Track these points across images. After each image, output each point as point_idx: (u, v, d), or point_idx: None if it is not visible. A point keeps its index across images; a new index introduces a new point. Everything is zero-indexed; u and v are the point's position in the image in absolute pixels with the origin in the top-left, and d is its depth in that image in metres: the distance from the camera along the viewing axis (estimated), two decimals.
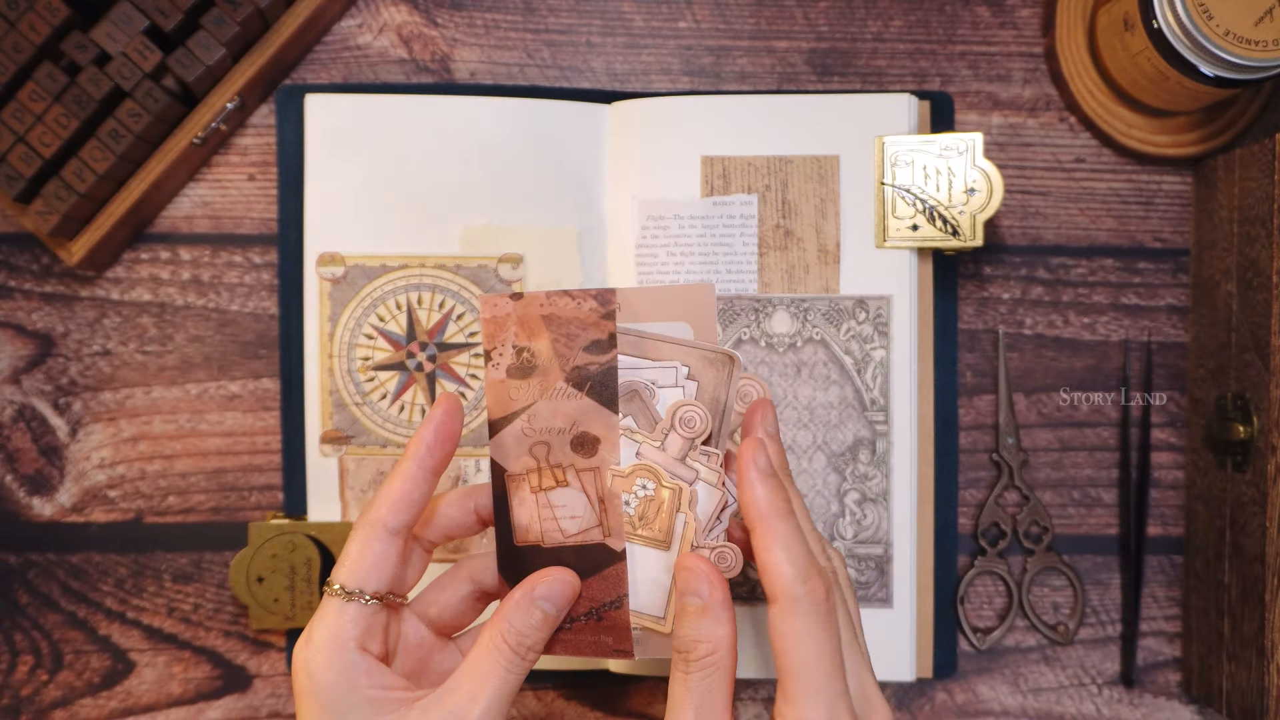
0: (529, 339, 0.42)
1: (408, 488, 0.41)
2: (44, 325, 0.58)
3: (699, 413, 0.41)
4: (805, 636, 0.37)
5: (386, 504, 0.41)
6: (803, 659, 0.37)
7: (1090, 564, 0.58)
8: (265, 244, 0.58)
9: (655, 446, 0.41)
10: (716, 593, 0.38)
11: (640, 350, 0.41)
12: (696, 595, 0.38)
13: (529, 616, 0.40)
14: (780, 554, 0.38)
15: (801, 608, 0.37)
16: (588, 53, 0.59)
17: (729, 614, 0.38)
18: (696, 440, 0.41)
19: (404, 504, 0.41)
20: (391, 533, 0.40)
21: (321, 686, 0.39)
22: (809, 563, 0.38)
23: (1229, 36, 0.50)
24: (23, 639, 0.58)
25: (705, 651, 0.38)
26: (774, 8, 0.59)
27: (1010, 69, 0.59)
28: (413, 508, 0.41)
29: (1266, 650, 0.51)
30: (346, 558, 0.40)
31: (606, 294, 0.41)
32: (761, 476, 0.39)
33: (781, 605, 0.37)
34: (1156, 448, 0.59)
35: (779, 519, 0.38)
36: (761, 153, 0.56)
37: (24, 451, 0.58)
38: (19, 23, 0.53)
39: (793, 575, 0.37)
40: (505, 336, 0.42)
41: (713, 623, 0.38)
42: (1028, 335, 0.59)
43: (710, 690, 0.38)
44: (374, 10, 0.59)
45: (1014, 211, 0.59)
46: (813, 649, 0.37)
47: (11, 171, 0.53)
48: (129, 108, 0.53)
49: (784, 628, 0.37)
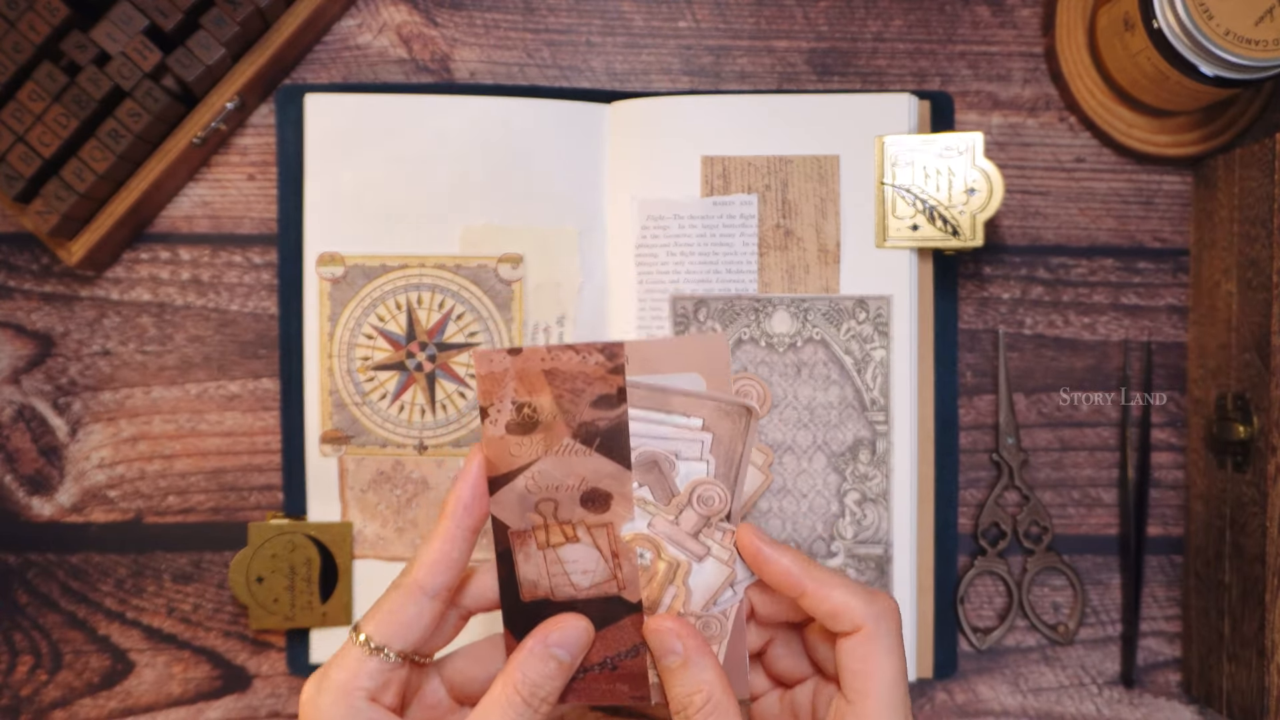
0: (530, 394, 0.40)
1: (446, 548, 0.40)
2: (44, 325, 0.58)
3: (718, 492, 0.40)
4: (887, 655, 0.39)
5: (425, 566, 0.40)
6: (884, 678, 0.39)
7: (1090, 564, 0.58)
8: (265, 244, 0.58)
9: (669, 520, 0.41)
10: (690, 642, 0.40)
11: (652, 404, 0.40)
12: (673, 653, 0.39)
13: (544, 666, 0.40)
14: (839, 593, 0.39)
15: (883, 629, 0.39)
16: (588, 52, 0.59)
17: (710, 658, 0.40)
18: (714, 518, 0.41)
19: (443, 565, 0.40)
20: (430, 595, 0.40)
21: None
22: (866, 590, 0.39)
23: (1229, 36, 0.50)
24: (23, 639, 0.58)
25: (702, 701, 0.39)
26: (774, 7, 0.59)
27: (1010, 69, 0.59)
28: (452, 568, 0.40)
29: (1267, 650, 0.51)
30: (379, 611, 0.40)
31: (614, 347, 0.40)
32: (776, 547, 0.40)
33: (866, 632, 0.39)
34: (1156, 448, 0.59)
35: (815, 568, 0.40)
36: (761, 153, 0.56)
37: (24, 451, 0.58)
38: (19, 23, 0.53)
39: (863, 604, 0.39)
40: (503, 392, 0.40)
41: (698, 670, 0.39)
42: (1028, 335, 0.59)
43: None
44: (374, 10, 0.59)
45: (1014, 211, 0.59)
46: (892, 667, 0.39)
47: (11, 171, 0.53)
48: (129, 108, 0.53)
49: (865, 651, 0.39)
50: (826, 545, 0.55)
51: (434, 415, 0.57)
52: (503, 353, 0.40)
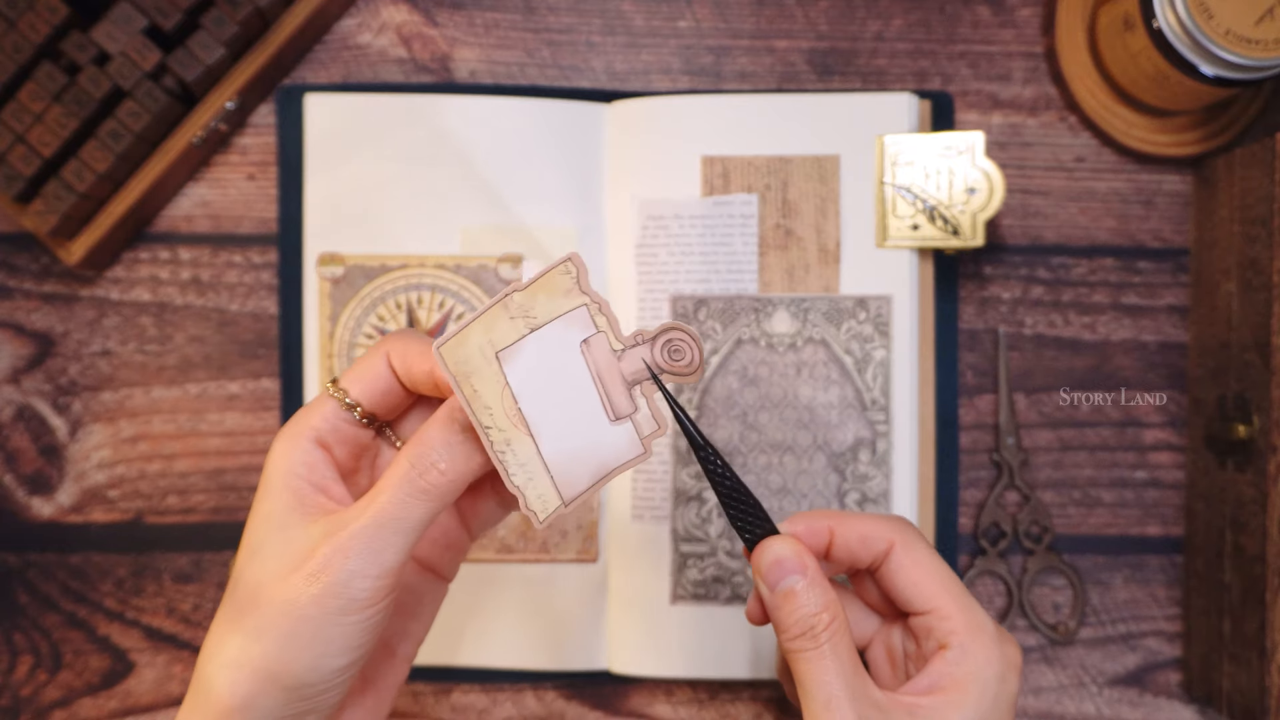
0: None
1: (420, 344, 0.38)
2: (44, 325, 0.58)
3: (691, 348, 0.37)
4: (930, 554, 0.41)
5: (397, 341, 0.39)
6: (942, 573, 0.40)
7: (1090, 564, 0.58)
8: (265, 244, 0.58)
9: (613, 349, 0.37)
10: (811, 562, 0.39)
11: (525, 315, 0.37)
12: (799, 575, 0.39)
13: (445, 434, 0.36)
14: (858, 520, 0.41)
15: (911, 534, 0.41)
16: (588, 52, 0.59)
17: (825, 578, 0.39)
18: (676, 374, 0.37)
19: (413, 355, 0.38)
20: (396, 367, 0.38)
21: (268, 464, 0.38)
22: (878, 514, 0.42)
23: (1229, 36, 0.50)
24: (23, 639, 0.58)
25: (830, 618, 0.38)
26: (774, 7, 0.59)
27: (1011, 69, 0.59)
28: (421, 360, 0.38)
29: (1267, 650, 0.51)
30: (353, 365, 0.39)
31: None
32: (800, 519, 0.42)
33: (901, 542, 0.41)
34: (1156, 448, 0.59)
35: (832, 511, 0.43)
36: (761, 152, 0.56)
37: (24, 451, 0.58)
38: (19, 23, 0.53)
39: (883, 521, 0.41)
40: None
41: (824, 590, 0.39)
42: (1028, 335, 0.59)
43: (846, 650, 0.38)
44: (374, 10, 0.59)
45: (1014, 211, 0.59)
46: (940, 561, 0.41)
47: (11, 171, 0.53)
48: (129, 107, 0.53)
49: (910, 559, 0.41)
50: None
51: None
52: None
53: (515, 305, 0.36)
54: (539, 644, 0.57)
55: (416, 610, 0.42)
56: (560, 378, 0.37)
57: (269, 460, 0.38)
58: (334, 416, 0.38)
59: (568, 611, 0.57)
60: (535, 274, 0.36)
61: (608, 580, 0.57)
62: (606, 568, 0.57)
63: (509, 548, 0.57)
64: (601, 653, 0.57)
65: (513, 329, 0.36)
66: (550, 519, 0.37)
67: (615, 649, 0.57)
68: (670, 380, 0.37)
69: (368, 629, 0.36)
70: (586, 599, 0.57)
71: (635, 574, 0.56)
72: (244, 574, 0.37)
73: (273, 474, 0.38)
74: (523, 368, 0.37)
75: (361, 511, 0.36)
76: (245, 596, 0.36)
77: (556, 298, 0.37)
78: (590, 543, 0.57)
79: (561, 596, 0.57)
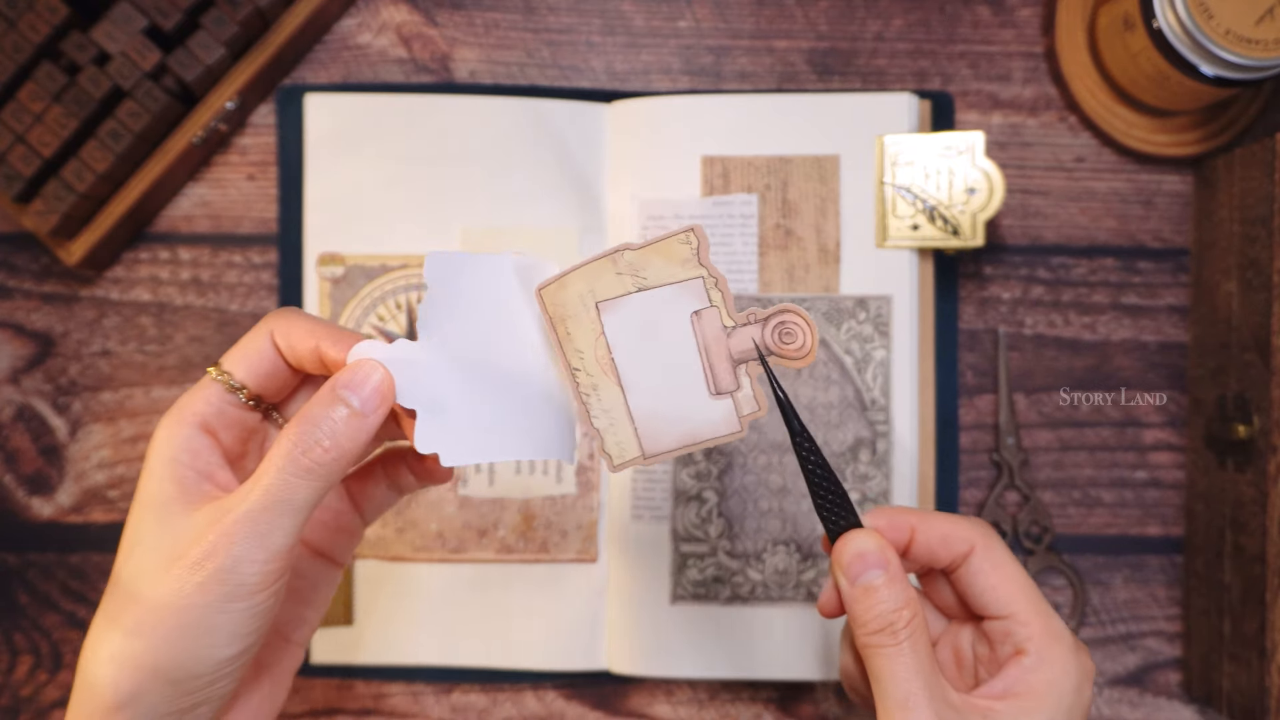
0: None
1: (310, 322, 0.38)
2: (44, 325, 0.58)
3: (805, 332, 0.37)
4: (1011, 561, 0.40)
5: (281, 319, 0.38)
6: (1022, 580, 0.40)
7: (1090, 564, 0.58)
8: (265, 244, 0.58)
9: (724, 325, 0.37)
10: (893, 558, 0.39)
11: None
12: (880, 570, 0.38)
13: (329, 411, 0.35)
14: (940, 520, 0.41)
15: (993, 539, 0.41)
16: (588, 52, 0.59)
17: (905, 575, 0.39)
18: (785, 357, 0.37)
19: (298, 333, 0.38)
20: (279, 346, 0.38)
21: (150, 452, 0.37)
22: (960, 515, 0.42)
23: (1229, 36, 0.50)
24: (23, 639, 0.58)
25: (911, 615, 0.38)
26: (774, 7, 0.59)
27: (1010, 69, 0.59)
28: (305, 337, 0.37)
29: (1267, 650, 0.51)
30: (237, 346, 0.38)
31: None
32: (881, 514, 0.41)
33: (982, 545, 0.40)
34: (1156, 448, 0.59)
35: (912, 509, 0.42)
36: (761, 152, 0.56)
37: (24, 451, 0.58)
38: (19, 23, 0.53)
39: (966, 523, 0.40)
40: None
41: (904, 587, 0.38)
42: (1028, 335, 0.59)
43: (925, 649, 0.38)
44: (374, 10, 0.59)
45: (1014, 211, 0.59)
46: (1020, 569, 0.41)
47: (11, 171, 0.53)
48: (129, 107, 0.53)
49: (990, 563, 0.40)
50: None
51: None
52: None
53: (624, 262, 0.37)
54: (539, 644, 0.57)
55: (310, 596, 0.41)
56: (661, 340, 0.37)
57: (151, 448, 0.37)
58: (218, 400, 0.37)
59: (568, 611, 0.57)
60: (652, 237, 0.37)
61: (608, 580, 0.57)
62: (606, 568, 0.57)
63: (509, 548, 0.57)
64: (601, 653, 0.57)
65: (618, 284, 0.37)
66: (625, 467, 0.38)
67: (615, 649, 0.57)
68: (778, 363, 0.38)
69: (257, 616, 0.35)
70: (586, 599, 0.57)
71: (635, 574, 0.56)
72: (125, 568, 0.35)
73: (154, 463, 0.36)
74: (622, 322, 0.37)
75: (246, 495, 0.34)
76: (126, 592, 0.35)
77: (673, 265, 0.37)
78: (590, 543, 0.57)
79: (561, 596, 0.57)
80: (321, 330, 0.37)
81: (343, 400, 0.35)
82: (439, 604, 0.57)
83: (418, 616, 0.57)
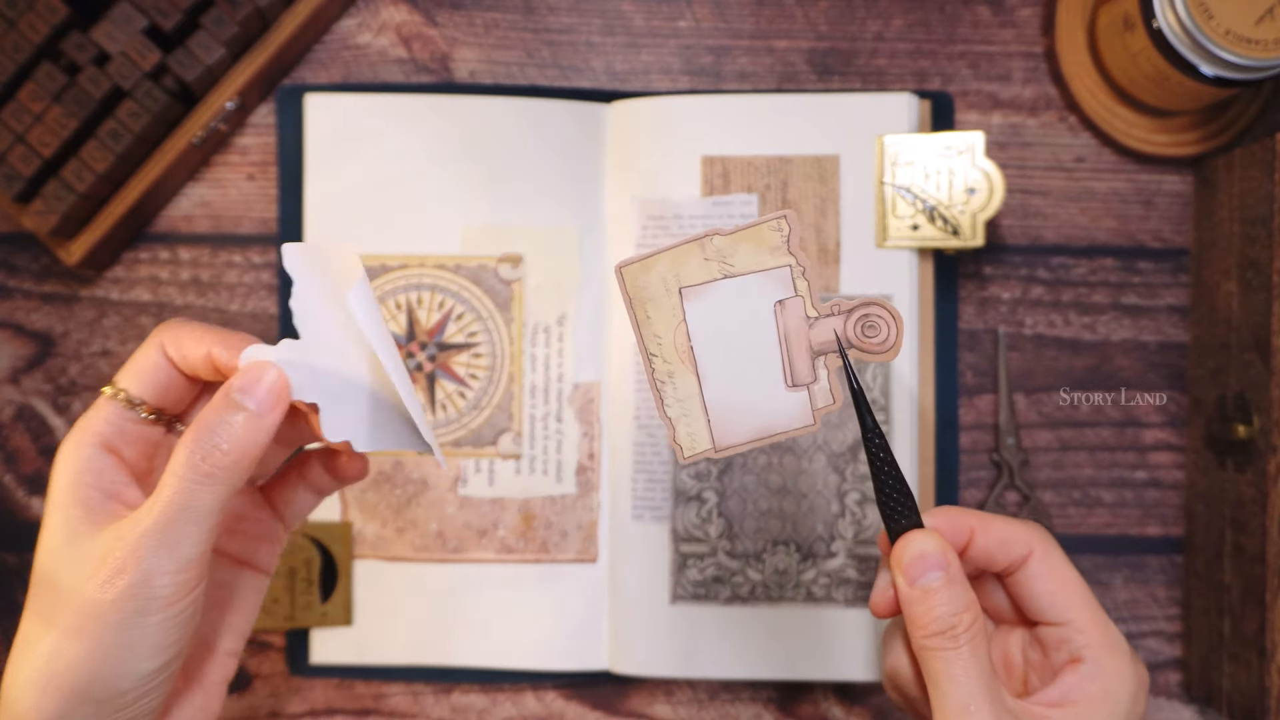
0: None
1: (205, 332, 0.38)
2: (44, 325, 0.58)
3: (890, 323, 0.36)
4: (1069, 566, 0.40)
5: (170, 329, 0.38)
6: (1080, 585, 0.40)
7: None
8: (265, 244, 0.58)
9: (806, 315, 0.36)
10: (954, 559, 0.38)
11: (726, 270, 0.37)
12: (940, 572, 0.38)
13: (225, 414, 0.35)
14: (1000, 523, 0.40)
15: (1051, 544, 0.40)
16: (588, 52, 0.59)
17: (965, 577, 0.39)
18: (868, 351, 0.37)
19: (189, 340, 0.37)
20: (172, 357, 0.37)
21: (53, 477, 0.37)
22: (1016, 519, 0.41)
23: (1229, 36, 0.50)
24: None
25: (971, 619, 0.37)
26: (774, 7, 0.59)
27: (1010, 69, 0.59)
28: (198, 342, 0.37)
29: (1267, 650, 0.51)
30: (129, 362, 0.38)
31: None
32: (940, 514, 0.40)
33: (1041, 550, 0.40)
34: (1156, 448, 0.59)
35: (971, 511, 0.41)
36: (761, 152, 0.56)
37: (24, 451, 0.58)
38: (19, 23, 0.53)
39: (1025, 527, 0.40)
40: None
41: (964, 589, 0.38)
42: (1028, 335, 0.59)
43: (984, 653, 0.37)
44: (374, 10, 0.59)
45: (1014, 211, 0.59)
46: (1078, 575, 0.40)
47: (11, 171, 0.53)
48: (129, 108, 0.53)
49: (1048, 567, 0.40)
50: (826, 545, 0.55)
51: (434, 415, 0.57)
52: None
53: (712, 248, 0.36)
54: (539, 644, 0.57)
55: (234, 604, 0.41)
56: (742, 330, 0.37)
57: (53, 473, 0.36)
58: (117, 418, 0.37)
59: (568, 611, 0.57)
60: (743, 223, 0.36)
61: (608, 580, 0.57)
62: (606, 568, 0.57)
63: (509, 548, 0.57)
64: (601, 653, 0.57)
65: (704, 270, 0.36)
66: (695, 459, 0.37)
67: (615, 649, 0.57)
68: (859, 357, 0.37)
69: (175, 627, 0.35)
70: (586, 599, 0.57)
71: (635, 574, 0.56)
72: (39, 592, 0.36)
73: (58, 487, 0.36)
74: (704, 309, 0.36)
75: (150, 508, 0.34)
76: (41, 616, 0.35)
77: (761, 252, 0.36)
78: (590, 543, 0.57)
79: (561, 596, 0.57)
80: (211, 336, 0.37)
81: (238, 404, 0.35)
82: (439, 604, 0.57)
83: (418, 616, 0.57)
